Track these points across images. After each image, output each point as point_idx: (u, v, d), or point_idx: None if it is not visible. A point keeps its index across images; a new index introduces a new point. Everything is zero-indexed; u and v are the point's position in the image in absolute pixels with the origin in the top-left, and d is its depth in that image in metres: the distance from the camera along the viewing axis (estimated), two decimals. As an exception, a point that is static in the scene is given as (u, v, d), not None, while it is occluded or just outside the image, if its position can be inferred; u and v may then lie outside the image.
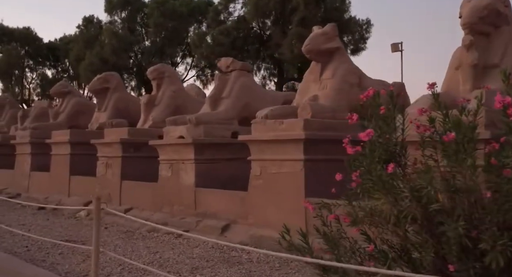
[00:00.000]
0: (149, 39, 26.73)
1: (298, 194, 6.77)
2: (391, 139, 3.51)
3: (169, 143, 8.94)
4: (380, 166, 3.36)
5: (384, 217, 3.34)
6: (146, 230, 8.67)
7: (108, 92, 12.94)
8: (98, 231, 4.53)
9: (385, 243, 3.51)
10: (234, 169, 8.96)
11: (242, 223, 7.58)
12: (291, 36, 19.72)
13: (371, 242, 3.51)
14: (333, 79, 7.63)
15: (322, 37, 7.75)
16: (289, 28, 20.44)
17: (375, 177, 3.39)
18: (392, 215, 3.26)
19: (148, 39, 26.78)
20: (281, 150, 7.07)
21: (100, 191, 10.70)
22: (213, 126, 8.81)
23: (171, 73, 11.46)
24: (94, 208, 4.46)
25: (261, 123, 7.35)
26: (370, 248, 3.46)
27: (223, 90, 9.47)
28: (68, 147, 11.99)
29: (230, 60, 9.66)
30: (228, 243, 4.77)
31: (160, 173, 9.16)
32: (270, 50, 21.09)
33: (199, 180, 8.48)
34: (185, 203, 8.59)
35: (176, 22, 24.41)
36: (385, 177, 3.28)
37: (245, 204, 7.56)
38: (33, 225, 9.37)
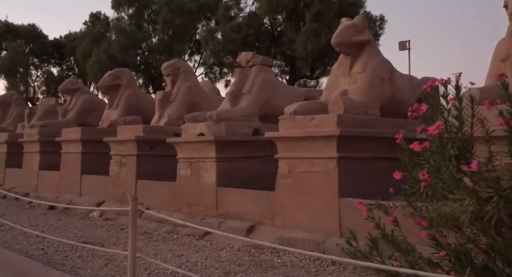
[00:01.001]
0: (156, 36, 26.27)
1: (331, 194, 6.41)
2: (460, 134, 3.15)
3: (188, 141, 8.58)
4: (452, 163, 3.00)
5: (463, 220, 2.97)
6: (165, 231, 8.31)
7: (119, 89, 12.60)
8: (134, 234, 4.15)
9: (458, 249, 3.16)
10: (256, 168, 8.62)
11: (268, 225, 7.22)
12: (304, 32, 19.29)
13: (440, 247, 3.16)
14: (364, 73, 7.27)
15: (352, 29, 7.38)
16: (302, 24, 20.04)
17: (448, 175, 3.02)
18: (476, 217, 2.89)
19: (156, 36, 26.34)
20: (311, 147, 6.70)
21: (113, 190, 10.35)
22: (234, 122, 8.45)
23: (187, 68, 11.09)
24: (131, 209, 4.08)
25: (289, 120, 6.98)
26: (440, 254, 3.11)
27: (243, 86, 9.11)
28: (79, 145, 11.62)
29: (251, 54, 9.30)
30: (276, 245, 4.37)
31: (179, 172, 8.79)
32: (282, 47, 20.69)
33: (221, 179, 8.11)
34: (206, 203, 8.22)
35: (185, 19, 23.95)
36: (457, 175, 2.92)
37: (271, 205, 7.19)
38: (45, 226, 9.01)
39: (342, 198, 6.32)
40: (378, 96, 7.28)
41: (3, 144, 15.33)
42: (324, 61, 21.09)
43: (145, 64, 25.69)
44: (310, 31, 18.96)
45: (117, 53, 24.06)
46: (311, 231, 6.54)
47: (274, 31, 22.19)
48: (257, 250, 6.70)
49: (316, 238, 6.38)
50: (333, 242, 6.22)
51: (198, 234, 7.79)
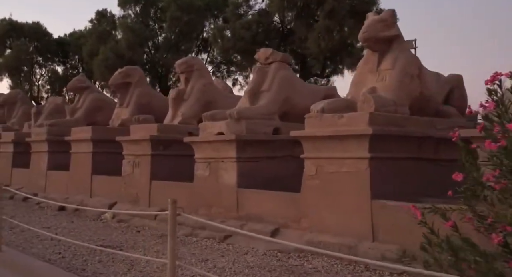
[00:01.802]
0: (163, 34, 25.89)
1: (362, 195, 6.12)
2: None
3: (206, 140, 8.29)
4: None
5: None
6: (183, 234, 8.03)
7: (130, 87, 12.32)
8: (174, 241, 3.87)
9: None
10: (276, 168, 8.34)
11: (294, 228, 6.93)
12: (317, 30, 18.96)
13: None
14: (393, 70, 6.97)
15: (380, 24, 7.09)
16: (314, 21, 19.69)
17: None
18: None
19: (163, 34, 25.96)
20: (340, 147, 6.42)
21: (125, 191, 10.07)
22: (254, 121, 8.16)
23: (201, 66, 10.81)
24: (170, 214, 3.79)
25: (316, 118, 6.69)
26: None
27: (262, 83, 8.82)
28: (90, 145, 11.33)
29: (270, 51, 9.01)
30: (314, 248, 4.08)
31: (196, 172, 8.50)
32: (292, 44, 20.37)
33: (242, 179, 7.83)
34: (226, 205, 7.93)
35: (193, 16, 23.58)
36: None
37: (297, 207, 6.91)
38: (58, 228, 8.72)
39: (375, 200, 6.03)
40: (407, 94, 7.00)
41: (9, 144, 15.05)
42: (335, 59, 20.79)
43: (152, 63, 25.37)
44: (323, 28, 18.62)
45: (125, 51, 23.71)
46: (341, 234, 6.25)
47: (284, 29, 21.83)
48: (284, 254, 6.43)
49: (347, 242, 6.09)
50: (366, 246, 5.96)
51: (219, 237, 7.52)
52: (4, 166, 15.19)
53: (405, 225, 5.78)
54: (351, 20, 19.14)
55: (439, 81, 7.95)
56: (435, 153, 7.26)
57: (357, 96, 7.03)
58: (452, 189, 3.17)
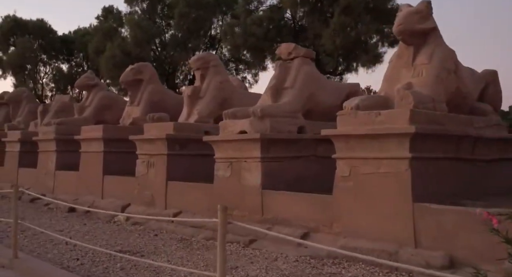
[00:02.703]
0: (171, 30, 25.36)
1: (403, 198, 5.72)
2: None
3: (228, 139, 7.88)
4: None
5: None
6: (203, 238, 7.64)
7: (141, 84, 11.92)
8: (224, 252, 3.45)
9: None
10: (300, 169, 7.96)
11: (325, 232, 6.53)
12: (333, 26, 18.46)
13: None
14: (430, 64, 6.57)
15: (415, 16, 6.68)
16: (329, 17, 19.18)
17: None
18: None
19: (170, 31, 25.43)
20: (377, 146, 6.01)
21: (139, 192, 9.67)
22: (278, 119, 7.75)
23: (217, 62, 10.40)
24: (220, 221, 3.38)
25: (350, 115, 6.29)
26: None
27: (285, 80, 8.41)
28: (101, 144, 10.93)
29: (293, 46, 8.60)
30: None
31: (216, 173, 8.10)
32: (306, 41, 19.89)
33: (266, 181, 7.42)
34: (249, 207, 7.53)
35: (202, 12, 23.10)
36: None
37: (329, 210, 6.50)
38: (71, 231, 8.33)
39: (417, 203, 5.63)
40: (444, 90, 6.61)
41: (16, 143, 14.65)
42: (348, 56, 20.31)
43: (159, 60, 24.90)
44: (339, 25, 18.15)
45: (132, 48, 23.22)
46: (379, 240, 5.85)
47: (297, 25, 21.31)
48: (317, 260, 6.04)
49: (386, 248, 5.69)
50: (408, 253, 5.56)
51: (243, 241, 7.11)
52: (11, 166, 14.80)
53: (451, 230, 5.40)
54: (367, 16, 18.72)
55: (474, 76, 7.56)
56: (472, 153, 6.88)
57: (391, 92, 6.63)
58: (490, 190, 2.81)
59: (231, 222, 3.73)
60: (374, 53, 21.00)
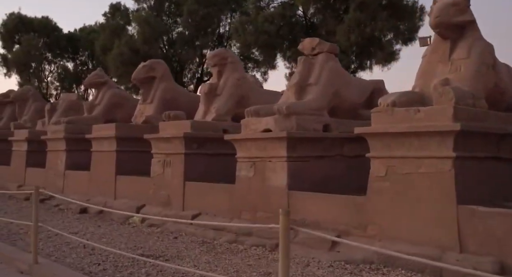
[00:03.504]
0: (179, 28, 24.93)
1: (446, 200, 5.40)
2: None
3: (251, 138, 7.55)
4: None
5: None
6: (226, 241, 7.30)
7: (154, 82, 11.60)
8: (287, 261, 3.12)
9: None
10: (326, 168, 7.63)
11: (358, 236, 6.18)
12: (347, 22, 18.07)
13: None
14: (468, 59, 6.24)
15: (453, 9, 6.35)
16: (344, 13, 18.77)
17: None
18: None
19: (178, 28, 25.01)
20: (417, 145, 5.69)
21: (155, 193, 9.34)
22: (304, 117, 7.42)
23: (234, 59, 10.06)
24: (282, 228, 3.04)
25: (387, 113, 5.96)
26: None
27: (309, 76, 8.08)
28: (114, 143, 10.59)
29: (317, 41, 8.27)
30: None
31: (238, 173, 7.77)
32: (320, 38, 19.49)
33: (293, 181, 7.09)
34: (274, 209, 7.13)
35: (211, 9, 22.69)
36: None
37: (362, 212, 6.17)
38: (87, 233, 7.99)
39: (461, 205, 5.30)
40: (483, 86, 6.28)
41: (23, 142, 14.32)
42: (361, 54, 19.90)
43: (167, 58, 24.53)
44: (354, 21, 17.77)
45: (140, 46, 22.80)
46: (419, 244, 5.52)
47: (310, 22, 20.84)
48: (353, 266, 5.71)
49: (428, 253, 5.34)
50: (453, 258, 5.23)
51: (269, 245, 6.78)
52: (18, 165, 14.46)
53: (500, 234, 5.08)
54: (383, 13, 18.33)
55: (510, 72, 7.22)
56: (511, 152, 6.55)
57: (426, 88, 6.30)
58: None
59: (293, 228, 3.39)
60: (389, 50, 20.61)
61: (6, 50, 31.97)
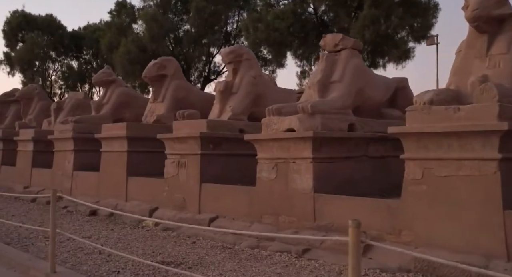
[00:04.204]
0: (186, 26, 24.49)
1: (490, 205, 5.05)
2: None
3: (273, 138, 7.20)
4: None
5: None
6: (248, 246, 6.95)
7: (165, 80, 11.26)
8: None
9: None
10: (351, 170, 7.29)
11: (391, 241, 5.84)
12: (362, 19, 17.69)
13: None
14: (508, 54, 5.88)
15: (492, 1, 6.00)
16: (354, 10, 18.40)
17: None
18: None
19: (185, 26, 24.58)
20: (457, 145, 5.34)
21: (169, 195, 9.00)
22: (329, 116, 7.07)
23: (250, 55, 9.72)
24: (352, 242, 2.68)
25: (423, 111, 5.61)
26: None
27: (332, 73, 7.73)
28: (125, 143, 10.24)
29: (340, 37, 7.92)
30: None
31: (260, 174, 7.42)
32: (333, 35, 19.09)
33: (318, 183, 6.74)
34: (298, 212, 6.85)
35: (220, 7, 22.26)
36: None
37: (396, 216, 5.83)
38: (101, 238, 7.64)
39: (508, 210, 4.95)
40: (524, 82, 5.92)
41: (29, 142, 13.97)
42: (374, 52, 19.50)
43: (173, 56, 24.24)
44: (369, 17, 17.38)
45: (147, 44, 22.39)
46: (460, 251, 5.17)
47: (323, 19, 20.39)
48: (388, 274, 5.35)
49: (472, 261, 4.98)
50: (500, 267, 4.88)
51: (295, 250, 6.42)
52: (23, 166, 14.12)
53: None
54: (399, 9, 17.93)
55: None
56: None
57: (462, 86, 5.95)
58: None
59: (364, 241, 3.03)
60: (404, 48, 20.19)
61: (9, 49, 31.61)
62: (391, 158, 7.97)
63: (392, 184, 7.85)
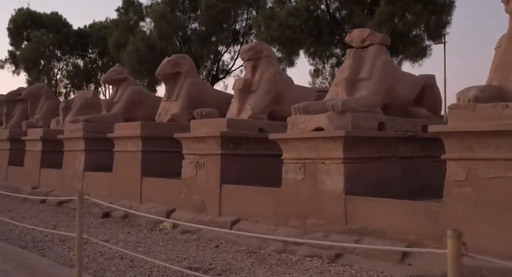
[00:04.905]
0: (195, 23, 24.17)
1: (544, 209, 4.73)
2: None
3: (301, 137, 6.89)
4: None
5: None
6: (274, 250, 6.64)
7: (179, 78, 10.96)
8: None
9: None
10: (381, 171, 6.97)
11: (432, 247, 5.49)
12: (378, 16, 17.32)
13: None
14: (554, 48, 5.58)
15: (536, -8, 5.68)
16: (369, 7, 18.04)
17: None
18: None
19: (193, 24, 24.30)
20: (505, 145, 5.02)
21: (186, 196, 8.68)
22: (359, 114, 6.76)
23: (270, 52, 9.41)
24: (451, 253, 2.37)
25: (467, 109, 5.29)
26: None
27: (359, 70, 7.43)
28: (139, 143, 9.92)
29: (367, 32, 7.62)
30: None
31: (286, 175, 7.10)
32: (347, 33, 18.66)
33: (350, 185, 6.43)
34: (328, 215, 6.53)
35: (230, 4, 21.89)
36: None
37: (437, 220, 5.51)
38: (120, 241, 7.35)
39: None
40: None
41: (37, 142, 13.66)
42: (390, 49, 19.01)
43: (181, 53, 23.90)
44: (385, 15, 17.02)
45: (156, 42, 22.02)
46: (509, 258, 4.84)
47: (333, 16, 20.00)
48: (433, 282, 5.03)
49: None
50: None
51: (327, 255, 6.11)
52: (31, 166, 13.81)
53: None
54: (416, 6, 17.57)
55: None
56: None
57: (505, 82, 5.64)
58: None
59: (466, 254, 2.72)
60: (421, 46, 19.82)
61: (14, 47, 31.21)
62: (419, 159, 7.70)
63: (421, 185, 7.58)
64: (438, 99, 8.55)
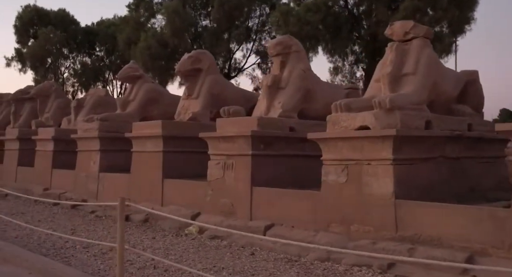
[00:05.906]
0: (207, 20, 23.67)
1: None
2: None
3: (344, 136, 6.40)
4: None
5: None
6: (316, 259, 6.15)
7: (199, 75, 10.48)
8: None
9: None
10: (429, 173, 6.50)
11: (498, 256, 5.05)
12: (403, 12, 16.82)
13: None
14: None
15: None
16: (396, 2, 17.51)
17: None
18: None
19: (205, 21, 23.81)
20: None
21: (213, 200, 8.20)
22: (407, 112, 6.28)
23: (299, 47, 8.91)
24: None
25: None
26: None
27: (403, 65, 6.94)
28: (160, 143, 9.43)
29: (411, 24, 7.12)
30: None
31: (326, 177, 6.62)
32: (369, 29, 18.16)
33: (400, 188, 5.94)
34: (375, 221, 6.05)
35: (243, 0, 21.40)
36: None
37: (504, 227, 5.02)
38: (146, 248, 6.85)
39: None
40: None
41: (48, 141, 13.16)
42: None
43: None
44: (411, 9, 16.51)
45: (169, 38, 21.51)
46: None
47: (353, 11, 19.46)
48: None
49: None
50: None
51: (378, 265, 5.62)
52: (43, 167, 13.31)
53: None
54: (443, 0, 17.03)
55: None
56: None
57: None
58: None
59: None
60: (448, 41, 19.29)
61: (21, 45, 30.68)
62: (466, 159, 7.22)
63: (469, 188, 7.10)
64: (481, 96, 8.08)
